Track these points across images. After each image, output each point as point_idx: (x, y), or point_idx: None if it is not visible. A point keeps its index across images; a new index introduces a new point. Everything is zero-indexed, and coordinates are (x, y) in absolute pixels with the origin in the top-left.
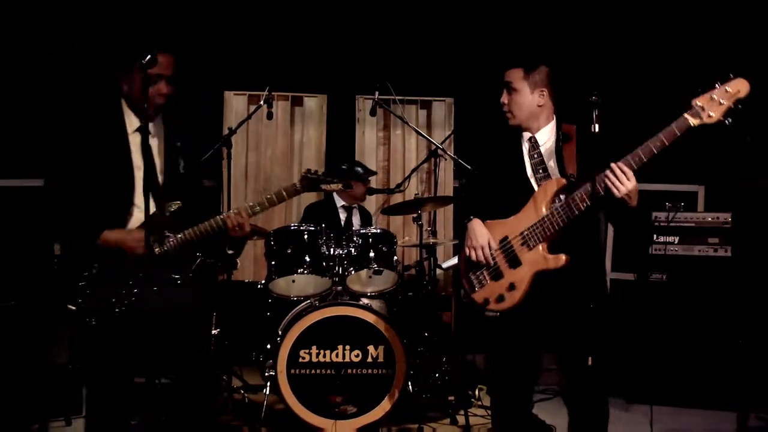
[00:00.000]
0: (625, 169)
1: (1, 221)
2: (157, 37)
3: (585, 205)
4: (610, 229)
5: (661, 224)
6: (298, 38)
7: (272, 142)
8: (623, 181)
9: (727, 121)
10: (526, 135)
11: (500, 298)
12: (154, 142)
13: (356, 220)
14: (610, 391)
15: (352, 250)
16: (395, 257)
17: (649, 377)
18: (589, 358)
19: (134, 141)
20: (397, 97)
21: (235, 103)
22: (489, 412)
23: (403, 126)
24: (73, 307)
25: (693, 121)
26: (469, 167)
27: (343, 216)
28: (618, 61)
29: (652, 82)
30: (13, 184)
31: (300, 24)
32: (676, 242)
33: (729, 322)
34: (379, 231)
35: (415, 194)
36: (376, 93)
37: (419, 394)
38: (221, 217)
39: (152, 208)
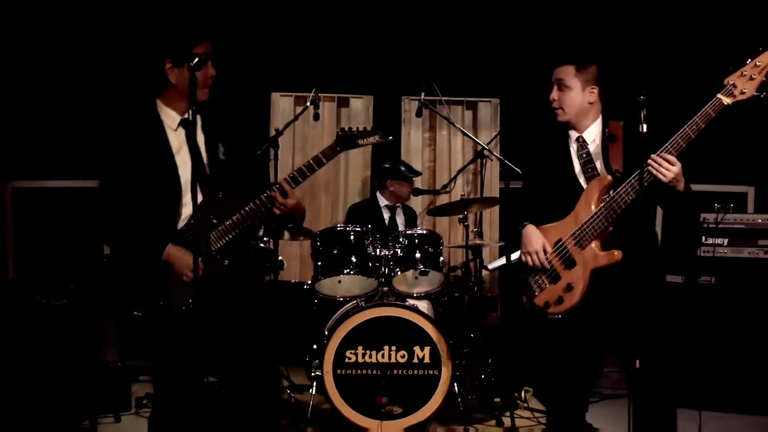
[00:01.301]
0: (667, 156)
1: (53, 221)
2: (201, 25)
3: (631, 197)
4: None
5: (710, 226)
6: (344, 39)
7: (318, 143)
8: (666, 166)
9: (762, 95)
10: (574, 134)
11: (559, 300)
12: (198, 134)
13: (400, 220)
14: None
15: (399, 250)
16: (441, 258)
17: (697, 381)
18: (637, 362)
19: (177, 138)
20: (443, 98)
21: (282, 105)
22: (534, 414)
23: (449, 127)
24: (138, 312)
25: (726, 100)
26: (517, 169)
27: (386, 215)
28: (664, 59)
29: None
30: (64, 185)
31: (346, 25)
32: (725, 244)
33: None
34: (425, 232)
35: (461, 195)
36: (422, 94)
37: (465, 395)
38: (265, 194)
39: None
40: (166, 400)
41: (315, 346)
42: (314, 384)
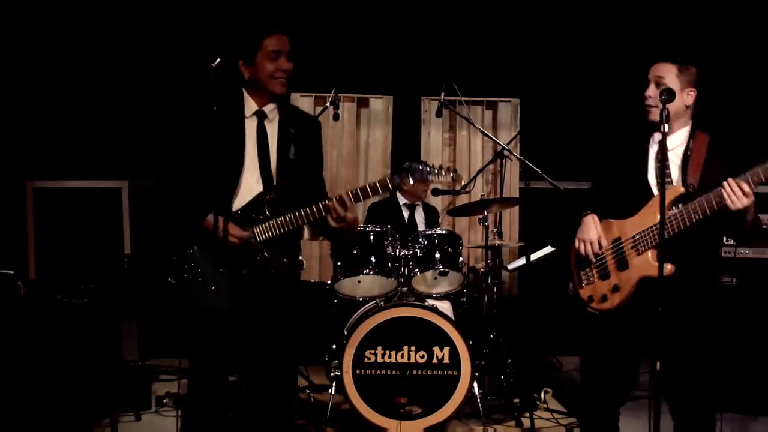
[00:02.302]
0: (743, 185)
1: (74, 221)
2: (271, 19)
3: (698, 217)
4: None
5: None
6: (364, 39)
7: (338, 144)
8: (739, 196)
9: None
10: (657, 136)
11: (603, 298)
12: (270, 128)
13: (420, 218)
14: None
15: (418, 251)
16: (461, 258)
17: (717, 383)
18: (657, 363)
19: (250, 126)
20: (463, 98)
21: (302, 105)
22: (554, 415)
23: (469, 127)
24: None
25: None
26: (537, 169)
27: (406, 213)
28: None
29: None
30: (85, 185)
31: (366, 25)
32: (746, 245)
33: None
34: (444, 232)
35: (481, 195)
36: (442, 94)
37: (484, 396)
38: (323, 203)
39: (255, 191)
40: (197, 396)
41: (334, 346)
42: (333, 384)
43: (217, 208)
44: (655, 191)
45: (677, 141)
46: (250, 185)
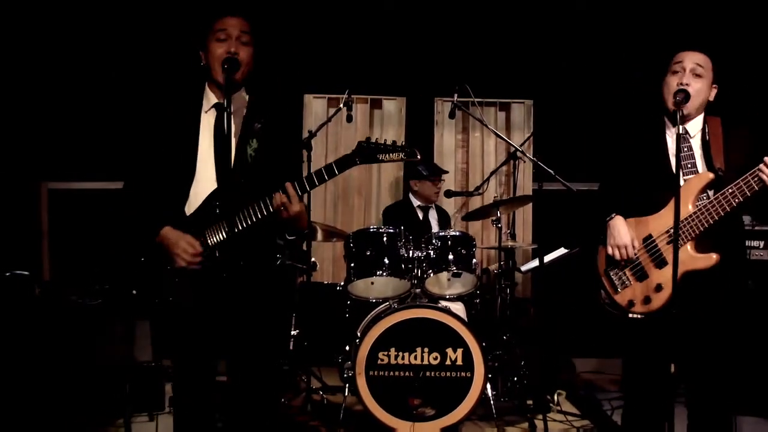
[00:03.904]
0: None
1: (88, 223)
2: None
3: (737, 201)
4: None
5: (746, 228)
6: (377, 41)
7: (351, 145)
8: None
9: None
10: (673, 128)
11: (647, 300)
12: (236, 122)
13: (433, 220)
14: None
15: (431, 252)
16: (474, 260)
17: (732, 386)
18: (672, 365)
19: (208, 120)
20: (476, 99)
21: (315, 106)
22: (567, 417)
23: (482, 128)
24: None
25: None
26: (550, 170)
27: (420, 215)
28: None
29: None
30: (99, 186)
31: (380, 27)
32: (761, 247)
33: None
34: (458, 233)
35: (494, 197)
36: (455, 95)
37: (497, 398)
38: (269, 197)
39: (209, 191)
40: (178, 398)
41: (347, 348)
42: (347, 385)
43: (172, 218)
44: (681, 182)
45: (694, 129)
46: (205, 185)
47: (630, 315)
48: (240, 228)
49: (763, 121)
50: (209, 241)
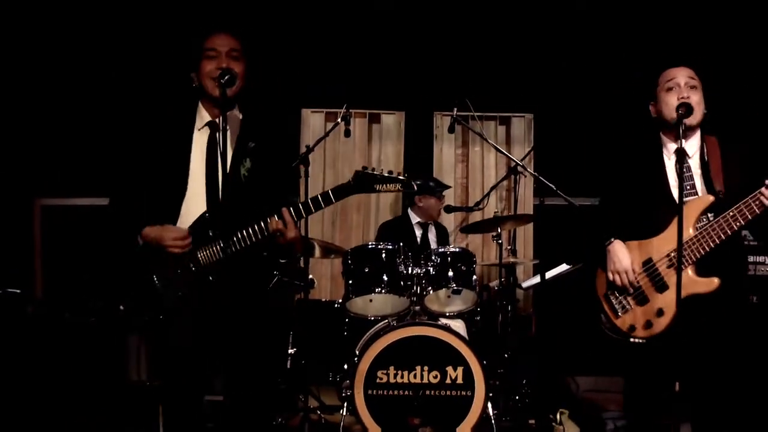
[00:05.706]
0: None
1: (82, 239)
2: (217, 20)
3: (738, 224)
4: None
5: (751, 243)
6: (375, 55)
7: (350, 160)
8: None
9: None
10: (671, 146)
11: (648, 324)
12: (230, 140)
13: (432, 237)
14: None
15: (431, 269)
16: (474, 276)
17: (738, 403)
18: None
19: (200, 139)
20: (476, 113)
21: (313, 121)
22: None
23: (482, 142)
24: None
25: None
26: (551, 185)
27: (419, 233)
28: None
29: None
30: (93, 203)
31: (378, 41)
32: (767, 262)
33: None
34: (458, 250)
35: (495, 212)
36: (455, 109)
37: (499, 417)
38: (266, 220)
39: (200, 211)
40: (168, 416)
41: (346, 366)
42: (345, 404)
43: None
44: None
45: (692, 149)
46: (196, 202)
47: (632, 339)
48: (234, 250)
49: (760, 139)
50: (201, 261)
